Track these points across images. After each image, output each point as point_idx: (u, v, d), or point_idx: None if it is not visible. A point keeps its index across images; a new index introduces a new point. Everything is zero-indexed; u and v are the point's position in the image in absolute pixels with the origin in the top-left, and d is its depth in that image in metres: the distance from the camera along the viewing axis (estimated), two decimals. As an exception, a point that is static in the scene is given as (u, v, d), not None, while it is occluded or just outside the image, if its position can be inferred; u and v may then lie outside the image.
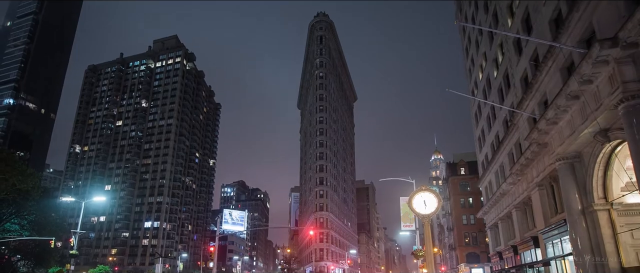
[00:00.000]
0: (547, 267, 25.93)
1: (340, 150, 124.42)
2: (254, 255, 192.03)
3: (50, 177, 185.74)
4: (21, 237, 53.43)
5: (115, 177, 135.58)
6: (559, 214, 23.85)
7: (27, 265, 60.86)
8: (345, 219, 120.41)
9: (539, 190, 26.06)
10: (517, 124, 29.23)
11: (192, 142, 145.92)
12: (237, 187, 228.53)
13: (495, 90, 35.61)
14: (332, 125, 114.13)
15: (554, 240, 24.60)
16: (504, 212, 35.50)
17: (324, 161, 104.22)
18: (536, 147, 23.98)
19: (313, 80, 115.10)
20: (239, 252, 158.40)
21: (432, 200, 16.49)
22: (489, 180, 41.04)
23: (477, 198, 57.02)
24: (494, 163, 37.38)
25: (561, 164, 20.91)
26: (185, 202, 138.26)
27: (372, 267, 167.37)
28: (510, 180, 30.76)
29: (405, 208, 41.10)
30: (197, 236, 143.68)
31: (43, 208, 59.68)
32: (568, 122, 19.56)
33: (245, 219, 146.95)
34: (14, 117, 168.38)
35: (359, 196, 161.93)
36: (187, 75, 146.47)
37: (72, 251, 43.22)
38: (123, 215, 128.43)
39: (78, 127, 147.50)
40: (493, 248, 42.14)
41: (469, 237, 63.25)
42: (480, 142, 44.65)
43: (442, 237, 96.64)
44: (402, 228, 67.20)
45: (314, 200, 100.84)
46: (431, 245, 17.67)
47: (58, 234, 57.87)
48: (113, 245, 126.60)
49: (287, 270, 70.57)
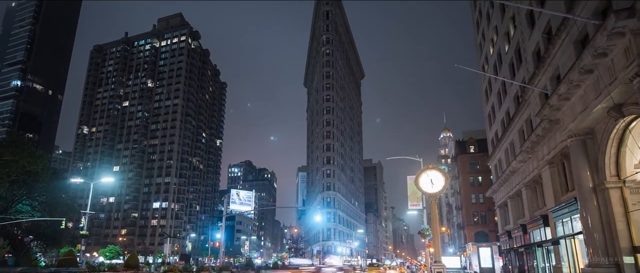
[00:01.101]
0: (557, 245, 25.62)
1: (348, 129, 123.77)
2: (262, 235, 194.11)
3: (59, 158, 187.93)
4: (33, 218, 54.30)
5: (123, 158, 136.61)
6: (569, 192, 23.43)
7: (40, 246, 62.05)
8: (352, 199, 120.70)
9: (550, 168, 25.56)
10: (528, 100, 28.51)
11: (199, 122, 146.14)
12: (244, 167, 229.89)
13: (506, 65, 34.78)
14: (339, 103, 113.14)
15: (564, 219, 24.22)
16: (513, 191, 35.10)
17: (331, 140, 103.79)
18: (547, 124, 23.41)
19: (319, 58, 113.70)
20: (246, 232, 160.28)
21: (439, 178, 16.12)
22: (498, 158, 40.49)
23: (487, 177, 56.34)
24: (504, 140, 36.76)
25: (573, 141, 20.45)
26: (193, 182, 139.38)
27: (380, 247, 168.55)
28: (521, 157, 30.23)
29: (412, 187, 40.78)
30: (205, 216, 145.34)
31: (53, 190, 60.42)
32: (581, 97, 19.04)
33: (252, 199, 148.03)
34: (22, 99, 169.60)
35: (367, 175, 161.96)
36: (192, 54, 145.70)
37: (82, 231, 43.78)
38: (132, 195, 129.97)
39: (85, 108, 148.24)
40: (502, 227, 41.90)
41: (478, 216, 62.87)
42: (490, 119, 43.90)
43: (451, 216, 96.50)
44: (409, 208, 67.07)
45: (321, 179, 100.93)
46: (438, 224, 17.36)
47: (68, 215, 58.66)
48: (123, 226, 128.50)
49: (295, 249, 71.19)
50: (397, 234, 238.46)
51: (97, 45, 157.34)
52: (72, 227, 76.51)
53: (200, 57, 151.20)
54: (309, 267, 31.40)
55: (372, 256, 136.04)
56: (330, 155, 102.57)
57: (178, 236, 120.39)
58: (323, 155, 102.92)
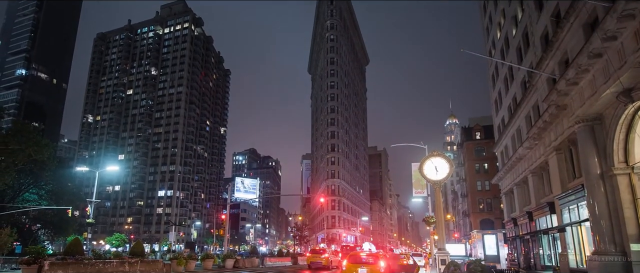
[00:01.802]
0: (563, 233, 25.37)
1: (352, 116, 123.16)
2: (267, 223, 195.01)
3: (65, 147, 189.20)
4: (40, 207, 54.83)
5: (128, 146, 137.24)
6: (576, 179, 23.09)
7: (47, 234, 62.82)
8: (357, 186, 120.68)
9: (557, 154, 25.18)
10: (535, 85, 28.01)
11: (203, 110, 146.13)
12: (248, 155, 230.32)
13: (513, 50, 34.21)
14: (344, 89, 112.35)
15: (570, 206, 23.93)
16: (519, 178, 34.76)
17: (336, 127, 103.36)
18: (555, 110, 22.98)
19: (324, 44, 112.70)
20: (251, 220, 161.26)
21: (444, 165, 15.90)
22: (505, 145, 40.07)
23: (493, 164, 55.85)
24: (511, 127, 36.32)
25: (581, 127, 20.10)
26: (198, 170, 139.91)
27: (385, 234, 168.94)
28: (527, 144, 29.85)
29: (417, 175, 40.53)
30: (210, 204, 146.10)
31: (59, 178, 60.99)
32: (589, 82, 18.65)
33: (257, 187, 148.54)
34: (27, 88, 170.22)
35: (372, 162, 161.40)
36: (196, 41, 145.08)
37: (88, 220, 44.03)
38: (137, 184, 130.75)
39: (89, 96, 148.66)
40: (508, 215, 41.64)
41: (484, 203, 62.52)
42: (497, 104, 43.35)
43: (456, 203, 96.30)
44: (413, 195, 66.87)
45: (326, 167, 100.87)
46: (442, 212, 17.19)
47: (75, 203, 59.20)
48: (128, 214, 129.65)
49: (299, 237, 71.48)
50: (402, 222, 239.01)
51: (100, 33, 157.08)
52: (79, 215, 77.20)
53: (203, 44, 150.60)
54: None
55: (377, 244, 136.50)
56: (335, 142, 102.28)
57: (183, 224, 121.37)
58: (327, 143, 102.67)
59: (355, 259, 15.06)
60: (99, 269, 20.03)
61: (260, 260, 38.51)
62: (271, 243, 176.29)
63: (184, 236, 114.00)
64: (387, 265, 17.10)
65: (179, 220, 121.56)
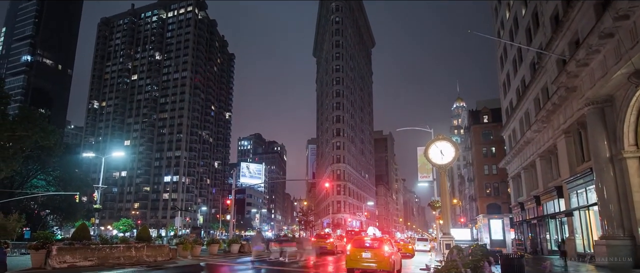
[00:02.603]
0: (570, 217, 25.15)
1: (358, 100, 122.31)
2: (272, 208, 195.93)
3: (71, 133, 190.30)
4: (48, 193, 55.40)
5: (134, 132, 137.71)
6: (585, 163, 22.77)
7: (56, 219, 63.64)
8: (362, 171, 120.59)
9: (566, 138, 24.79)
10: (545, 67, 27.47)
11: (207, 94, 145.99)
12: (253, 140, 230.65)
13: (522, 30, 33.53)
14: (349, 73, 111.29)
15: (578, 190, 23.67)
16: (527, 161, 34.41)
17: (341, 111, 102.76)
18: (564, 92, 22.54)
19: (329, 26, 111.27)
20: (257, 205, 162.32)
21: (449, 149, 15.59)
22: (512, 128, 39.59)
23: (500, 148, 55.19)
24: (519, 109, 35.82)
25: (590, 109, 19.75)
26: (203, 155, 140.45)
27: (390, 219, 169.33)
28: (536, 127, 29.43)
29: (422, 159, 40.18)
30: (215, 190, 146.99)
31: (66, 164, 61.45)
32: (600, 62, 18.21)
33: (262, 172, 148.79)
34: (33, 74, 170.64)
35: (377, 147, 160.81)
36: (200, 24, 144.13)
37: (95, 205, 44.38)
38: (143, 169, 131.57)
39: (95, 82, 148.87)
40: (515, 199, 41.40)
41: (491, 187, 62.04)
42: (505, 87, 42.74)
43: (463, 188, 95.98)
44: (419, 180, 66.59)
45: (331, 152, 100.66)
46: (447, 196, 16.96)
47: (82, 189, 59.72)
48: (135, 199, 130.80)
49: (305, 222, 71.68)
50: (408, 207, 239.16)
51: (104, 18, 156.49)
52: (87, 201, 78.05)
53: (207, 28, 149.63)
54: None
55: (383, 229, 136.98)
56: (340, 126, 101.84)
57: (189, 209, 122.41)
58: (333, 127, 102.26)
59: (359, 244, 14.93)
60: (106, 254, 20.04)
61: (265, 245, 38.68)
62: (277, 228, 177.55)
63: (190, 221, 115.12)
64: (391, 250, 16.74)
65: (185, 206, 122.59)
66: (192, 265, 20.54)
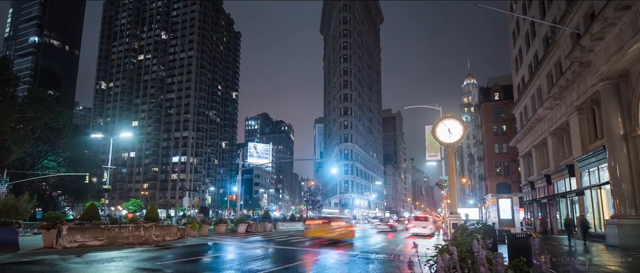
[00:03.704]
0: (581, 196, 24.75)
1: (366, 78, 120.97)
2: (280, 188, 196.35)
3: (80, 114, 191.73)
4: (58, 174, 56.07)
5: (141, 113, 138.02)
6: (598, 140, 22.23)
7: (67, 200, 64.55)
8: (370, 150, 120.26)
9: (578, 115, 24.17)
10: (558, 42, 26.61)
11: (214, 74, 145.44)
12: (261, 119, 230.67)
13: (536, 4, 32.54)
14: (357, 50, 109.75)
15: (590, 168, 23.19)
16: (538, 139, 33.79)
17: (349, 90, 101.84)
18: (578, 67, 21.83)
19: (336, 2, 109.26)
20: (265, 185, 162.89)
21: (457, 127, 15.10)
22: (524, 105, 38.80)
23: (511, 126, 54.20)
24: (531, 86, 35.00)
25: (605, 85, 19.12)
26: (210, 136, 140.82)
27: (398, 199, 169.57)
28: (548, 104, 28.74)
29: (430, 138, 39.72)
30: (223, 170, 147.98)
31: (76, 146, 61.91)
32: (616, 36, 17.49)
33: (270, 152, 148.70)
34: (40, 55, 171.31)
35: (386, 126, 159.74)
36: (205, 2, 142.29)
37: (105, 186, 44.79)
38: (151, 150, 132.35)
39: (101, 63, 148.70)
40: (525, 178, 40.91)
41: (501, 166, 61.22)
42: (517, 63, 41.73)
43: (472, 167, 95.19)
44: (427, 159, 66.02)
45: (339, 131, 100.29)
46: (455, 175, 16.63)
47: (92, 170, 60.33)
48: (144, 180, 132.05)
49: (312, 202, 71.91)
50: (416, 186, 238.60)
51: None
52: (97, 182, 79.14)
53: (212, 6, 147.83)
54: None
55: (391, 208, 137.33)
56: (348, 105, 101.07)
57: (197, 189, 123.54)
58: (340, 106, 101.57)
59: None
60: (115, 234, 20.37)
61: (272, 225, 38.95)
62: (285, 208, 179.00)
63: (198, 201, 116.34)
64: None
65: (193, 186, 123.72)
66: (200, 245, 20.65)
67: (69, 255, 14.05)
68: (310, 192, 73.17)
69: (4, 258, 12.79)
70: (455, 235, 5.31)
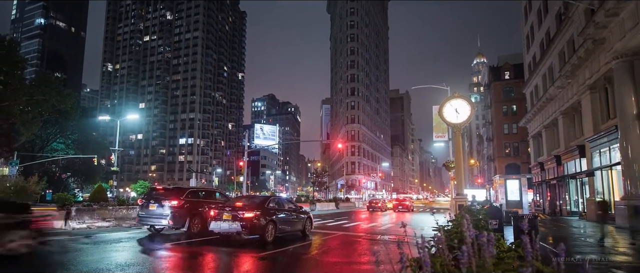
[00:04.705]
0: (591, 177, 24.40)
1: (373, 57, 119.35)
2: (287, 170, 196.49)
3: (87, 96, 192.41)
4: (67, 156, 56.68)
5: (148, 95, 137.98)
6: (610, 120, 21.77)
7: (77, 182, 65.47)
8: (377, 131, 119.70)
9: (591, 94, 23.64)
10: (571, 18, 25.86)
11: (220, 55, 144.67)
12: (267, 100, 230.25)
13: (549, -23, 31.47)
14: (364, 29, 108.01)
15: (601, 149, 22.79)
16: (549, 119, 33.23)
17: (356, 70, 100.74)
18: (591, 44, 21.23)
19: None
20: (271, 167, 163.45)
21: (465, 107, 14.83)
22: (535, 84, 38.07)
23: (522, 106, 53.25)
24: (542, 64, 34.27)
25: (619, 63, 18.60)
26: (217, 117, 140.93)
27: (406, 180, 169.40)
28: (559, 83, 28.13)
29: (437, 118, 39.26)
30: (230, 152, 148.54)
31: (84, 128, 62.45)
32: (631, 12, 16.91)
33: (276, 133, 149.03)
34: (47, 37, 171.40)
35: (393, 106, 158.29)
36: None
37: (113, 168, 45.17)
38: (158, 132, 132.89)
39: (108, 44, 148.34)
40: (535, 159, 40.44)
41: (510, 147, 60.51)
42: (529, 40, 40.79)
43: (481, 147, 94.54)
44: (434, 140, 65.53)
45: (345, 112, 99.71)
46: (462, 156, 16.39)
47: (100, 152, 60.96)
48: (152, 162, 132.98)
49: (319, 183, 72.07)
50: (424, 167, 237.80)
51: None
52: (105, 164, 79.87)
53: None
54: None
55: (398, 190, 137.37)
56: (355, 86, 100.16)
57: (205, 171, 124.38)
58: (347, 86, 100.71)
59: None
60: (123, 215, 20.69)
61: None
62: (291, 189, 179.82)
63: (206, 183, 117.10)
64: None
65: (201, 168, 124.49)
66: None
67: (78, 236, 14.25)
68: (316, 174, 73.22)
69: (15, 239, 13.07)
70: (457, 216, 5.18)
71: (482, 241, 1.99)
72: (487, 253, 1.97)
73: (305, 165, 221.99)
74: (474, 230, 2.10)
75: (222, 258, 10.36)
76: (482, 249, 1.99)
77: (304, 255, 11.13)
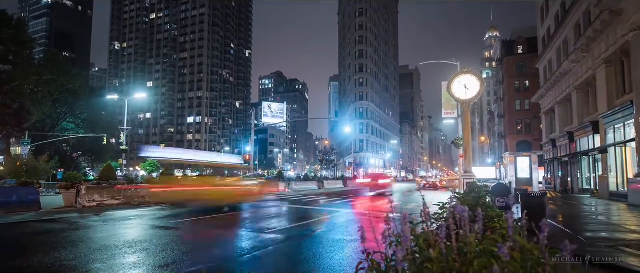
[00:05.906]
0: (605, 154, 23.85)
1: (382, 33, 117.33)
2: (295, 148, 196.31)
3: (96, 76, 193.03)
4: (77, 135, 57.27)
5: (155, 73, 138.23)
6: (626, 95, 21.13)
7: (87, 161, 66.33)
8: (386, 108, 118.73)
9: (606, 68, 22.90)
10: (588, -13, 24.87)
11: (226, 32, 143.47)
12: (274, 78, 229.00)
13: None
14: (373, 3, 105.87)
15: (616, 125, 22.18)
16: (562, 95, 32.43)
17: (364, 46, 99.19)
18: (608, 16, 20.45)
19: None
20: (279, 145, 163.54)
21: (474, 83, 14.42)
22: (549, 59, 37.04)
23: (535, 81, 51.93)
24: (557, 38, 33.24)
25: (636, 35, 17.94)
26: (224, 96, 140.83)
27: (415, 158, 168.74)
28: (574, 57, 27.30)
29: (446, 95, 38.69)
30: (238, 130, 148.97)
31: (93, 107, 62.86)
32: (652, -18, 16.02)
33: (284, 111, 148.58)
34: (54, 16, 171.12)
35: (402, 83, 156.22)
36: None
37: (122, 147, 45.54)
38: (167, 111, 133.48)
39: (114, 23, 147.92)
40: (547, 136, 39.72)
41: (522, 124, 59.47)
42: (543, 12, 39.47)
43: (492, 124, 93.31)
44: (443, 116, 64.94)
45: (354, 89, 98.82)
46: (470, 133, 16.09)
47: (109, 131, 61.37)
48: (160, 141, 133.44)
49: (327, 162, 72.10)
50: (433, 145, 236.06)
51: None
52: (115, 143, 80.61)
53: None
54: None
55: (407, 168, 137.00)
56: (363, 62, 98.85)
57: (213, 150, 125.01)
58: (355, 63, 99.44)
59: None
60: (132, 193, 20.92)
61: (286, 184, 39.25)
62: (300, 167, 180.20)
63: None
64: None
65: (209, 146, 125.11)
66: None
67: (88, 214, 14.56)
68: (324, 152, 73.27)
69: (27, 217, 13.66)
70: (459, 194, 5.05)
71: (463, 216, 2.10)
72: (468, 228, 2.05)
73: (314, 143, 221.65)
74: (462, 207, 2.15)
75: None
76: (463, 225, 2.08)
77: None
